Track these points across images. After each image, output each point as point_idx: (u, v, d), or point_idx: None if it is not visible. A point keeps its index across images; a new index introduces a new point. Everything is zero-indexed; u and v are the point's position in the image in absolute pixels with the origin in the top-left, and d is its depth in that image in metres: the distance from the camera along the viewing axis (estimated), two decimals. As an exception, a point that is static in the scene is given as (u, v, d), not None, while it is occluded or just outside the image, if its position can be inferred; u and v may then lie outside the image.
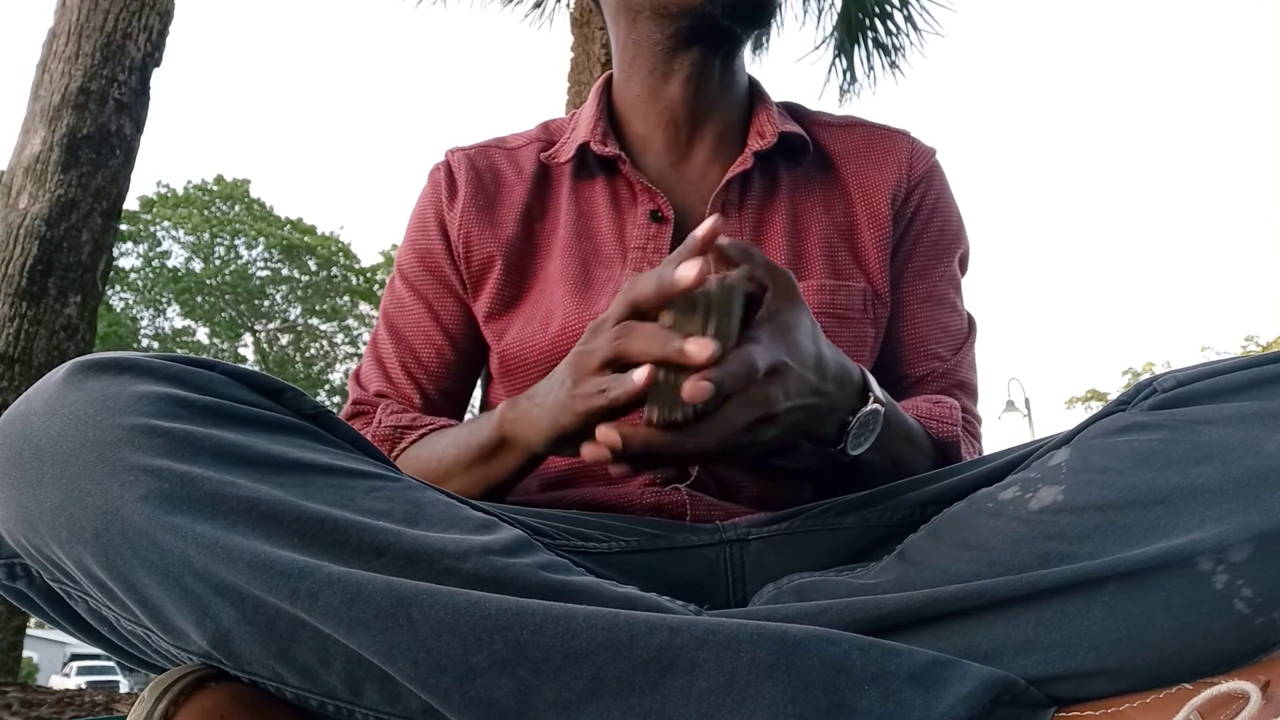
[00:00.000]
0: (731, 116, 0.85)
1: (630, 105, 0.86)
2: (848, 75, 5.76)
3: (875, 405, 0.66)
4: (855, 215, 0.84)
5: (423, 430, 0.81)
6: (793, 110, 0.90)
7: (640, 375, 0.56)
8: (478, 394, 0.92)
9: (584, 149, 0.84)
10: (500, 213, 0.85)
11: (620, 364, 0.58)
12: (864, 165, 0.86)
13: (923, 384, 0.84)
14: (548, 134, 0.90)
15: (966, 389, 0.85)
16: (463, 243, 0.84)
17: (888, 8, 5.57)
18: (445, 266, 0.85)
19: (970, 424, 0.83)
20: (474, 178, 0.86)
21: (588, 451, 0.58)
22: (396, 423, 0.82)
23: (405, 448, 0.80)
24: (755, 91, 0.88)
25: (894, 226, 0.84)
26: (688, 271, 0.55)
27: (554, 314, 0.79)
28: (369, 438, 0.81)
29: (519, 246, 0.84)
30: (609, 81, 0.89)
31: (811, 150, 0.85)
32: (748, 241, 0.80)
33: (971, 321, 0.89)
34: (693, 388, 0.54)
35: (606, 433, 0.57)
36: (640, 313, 0.59)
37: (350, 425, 0.85)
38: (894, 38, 5.65)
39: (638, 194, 0.83)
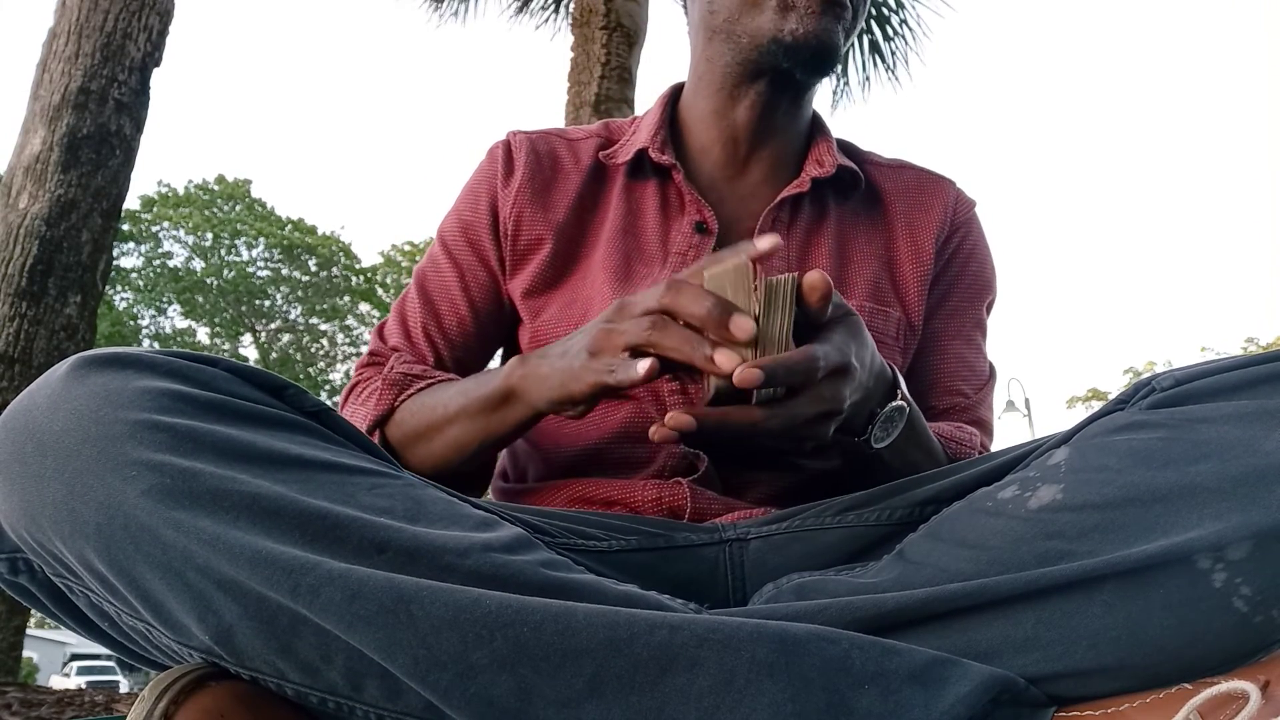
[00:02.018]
0: (791, 144, 0.88)
1: (695, 117, 0.88)
2: (841, 79, 5.77)
3: (901, 402, 0.68)
4: (898, 250, 0.87)
5: (432, 380, 0.82)
6: (846, 148, 0.92)
7: (643, 366, 0.58)
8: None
9: (641, 154, 0.86)
10: (554, 197, 0.87)
11: (644, 351, 0.60)
12: (912, 205, 0.89)
13: (944, 417, 0.87)
14: (608, 132, 0.92)
15: (984, 427, 0.88)
16: (513, 221, 0.86)
17: (884, 11, 5.57)
18: (486, 241, 0.87)
19: None
20: (533, 160, 0.88)
21: (656, 434, 0.60)
22: (408, 370, 0.83)
23: (413, 393, 0.81)
24: (816, 123, 0.90)
25: (934, 264, 0.87)
26: (765, 243, 0.60)
27: (593, 300, 0.81)
28: (380, 382, 0.82)
29: (568, 232, 0.86)
30: (676, 91, 0.92)
31: (863, 186, 0.88)
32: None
33: (993, 367, 0.92)
34: (743, 373, 0.55)
35: (679, 418, 0.59)
36: (672, 313, 0.60)
37: (363, 372, 0.86)
38: (891, 42, 5.65)
39: (687, 203, 0.85)
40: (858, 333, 0.64)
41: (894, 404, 0.68)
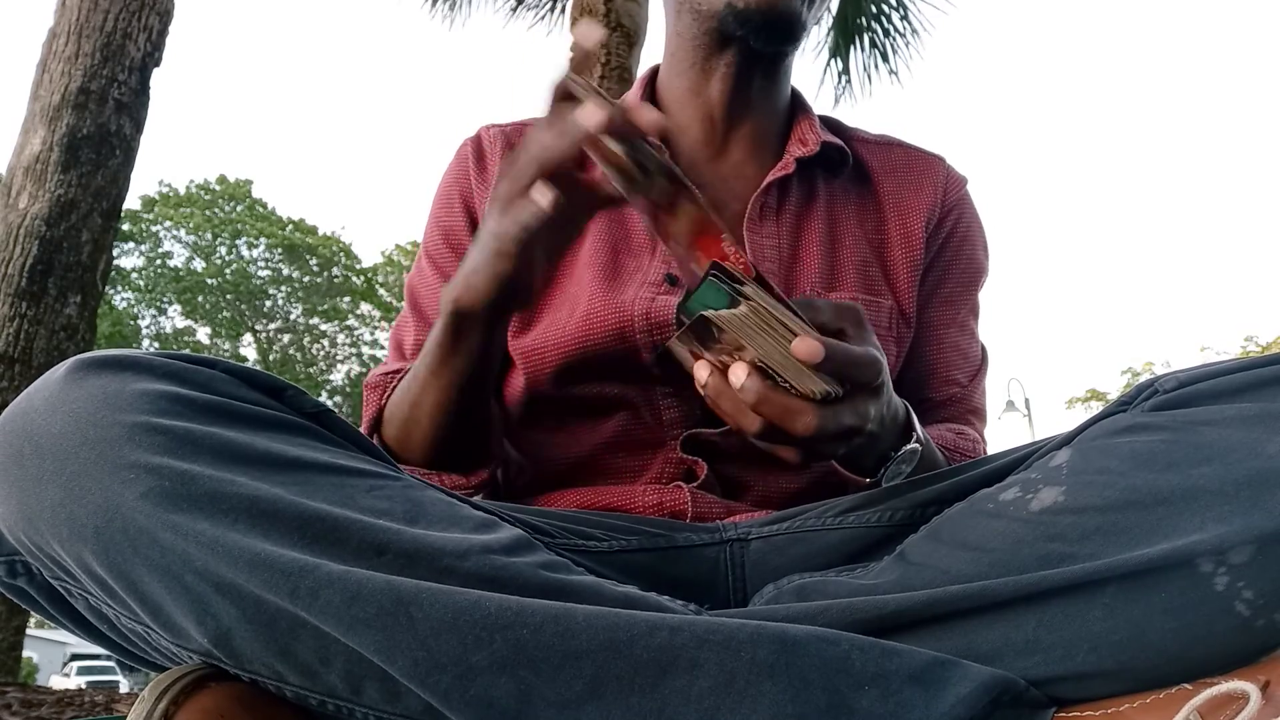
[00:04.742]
0: (771, 122, 0.86)
1: (672, 97, 0.87)
2: (843, 77, 5.77)
3: (915, 445, 0.66)
4: (888, 233, 0.85)
5: (406, 370, 0.79)
6: (831, 124, 0.91)
7: (543, 196, 0.56)
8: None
9: None
10: None
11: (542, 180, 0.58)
12: (901, 184, 0.87)
13: (942, 408, 0.86)
14: None
15: (980, 415, 0.88)
16: None
17: (885, 8, 5.58)
18: (468, 243, 0.83)
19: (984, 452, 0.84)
20: (509, 154, 0.86)
21: (700, 373, 0.57)
22: (385, 369, 0.82)
23: (394, 386, 0.79)
24: (798, 102, 0.89)
25: (925, 251, 0.85)
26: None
27: (579, 299, 0.78)
28: (365, 391, 0.81)
29: None
30: (654, 73, 0.90)
31: (850, 163, 0.86)
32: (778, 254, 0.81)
33: (984, 349, 0.91)
34: (804, 345, 0.53)
35: (741, 379, 0.54)
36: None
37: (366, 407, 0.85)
38: (890, 40, 5.66)
39: None
40: (882, 360, 0.61)
41: (908, 447, 0.65)
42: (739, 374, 0.54)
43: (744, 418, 0.56)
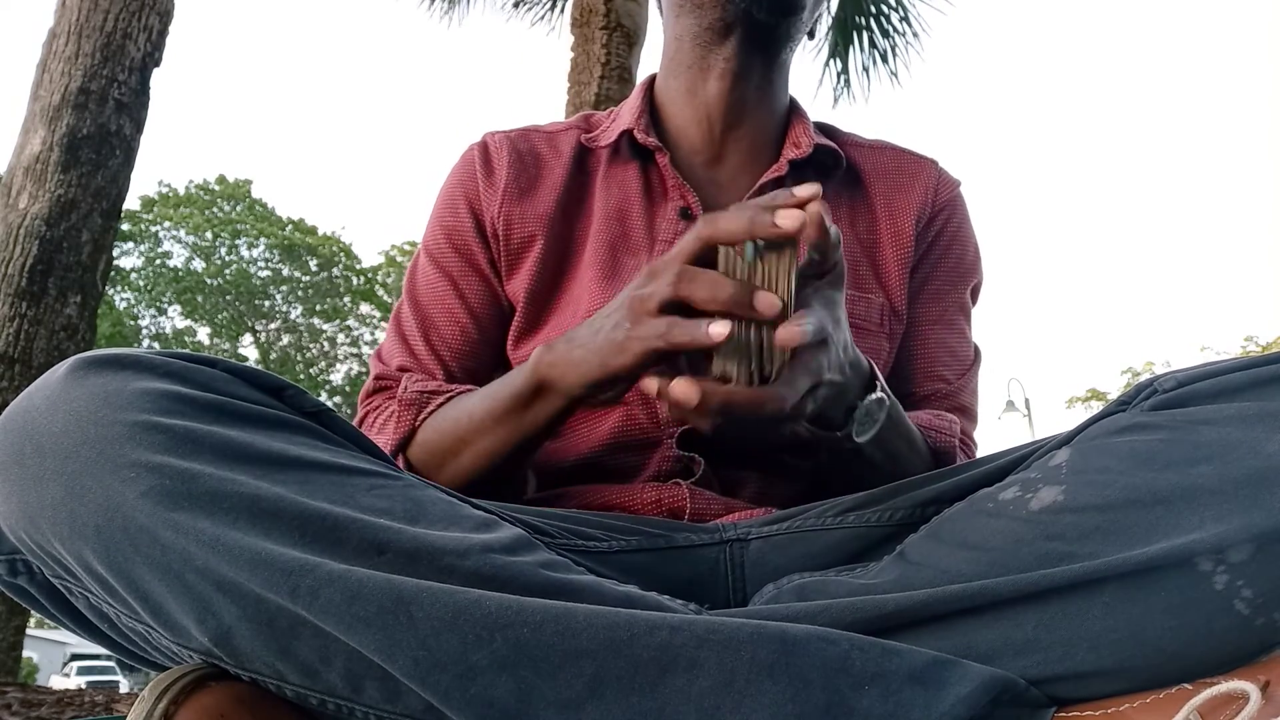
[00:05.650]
0: (768, 126, 0.87)
1: (670, 100, 0.87)
2: (842, 78, 5.78)
3: (880, 394, 0.67)
4: (879, 233, 0.86)
5: (450, 394, 0.79)
6: (826, 129, 0.91)
7: (718, 330, 0.55)
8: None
9: (625, 136, 0.86)
10: (540, 193, 0.86)
11: (680, 308, 0.58)
12: (892, 186, 0.87)
13: (926, 403, 0.86)
14: (587, 124, 0.92)
15: (967, 413, 0.87)
16: (503, 221, 0.84)
17: (884, 9, 5.59)
18: (473, 245, 0.86)
19: (967, 446, 0.84)
20: (516, 160, 0.87)
21: (669, 405, 0.56)
22: (423, 388, 0.81)
23: (432, 411, 0.78)
24: (794, 108, 0.90)
25: (915, 248, 0.86)
26: (791, 221, 0.54)
27: (581, 301, 0.80)
28: (395, 404, 0.80)
29: (557, 228, 0.84)
30: (654, 78, 0.91)
31: (844, 166, 0.87)
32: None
33: (977, 350, 0.91)
34: (788, 331, 0.53)
35: (686, 389, 0.54)
36: (705, 257, 0.58)
37: (371, 400, 0.84)
38: (889, 40, 5.67)
39: (669, 189, 0.84)
40: (834, 307, 0.61)
41: (873, 396, 0.66)
42: (690, 388, 0.55)
43: (702, 423, 0.57)
